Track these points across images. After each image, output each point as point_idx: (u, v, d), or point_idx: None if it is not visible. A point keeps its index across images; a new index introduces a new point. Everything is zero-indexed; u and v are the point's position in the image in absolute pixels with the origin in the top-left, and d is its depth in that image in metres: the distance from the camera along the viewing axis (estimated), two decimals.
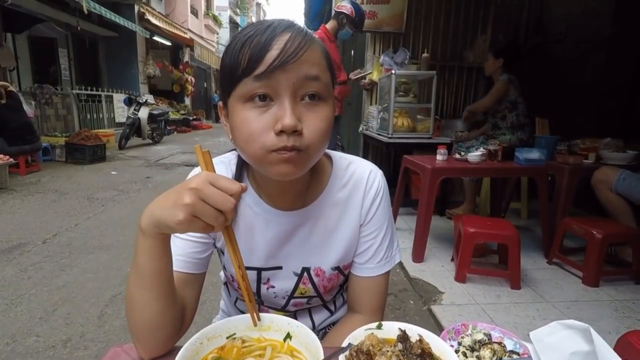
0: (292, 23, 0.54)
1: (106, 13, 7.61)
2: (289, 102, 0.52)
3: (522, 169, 2.36)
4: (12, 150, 4.57)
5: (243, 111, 0.53)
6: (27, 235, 2.86)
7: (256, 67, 0.50)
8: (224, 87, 0.57)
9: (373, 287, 0.73)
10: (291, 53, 0.50)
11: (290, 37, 0.51)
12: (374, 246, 0.72)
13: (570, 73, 3.80)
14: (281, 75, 0.51)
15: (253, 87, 0.51)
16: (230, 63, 0.54)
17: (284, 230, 0.69)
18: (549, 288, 1.98)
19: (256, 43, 0.51)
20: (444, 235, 2.79)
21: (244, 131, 0.54)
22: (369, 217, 0.71)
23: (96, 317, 1.84)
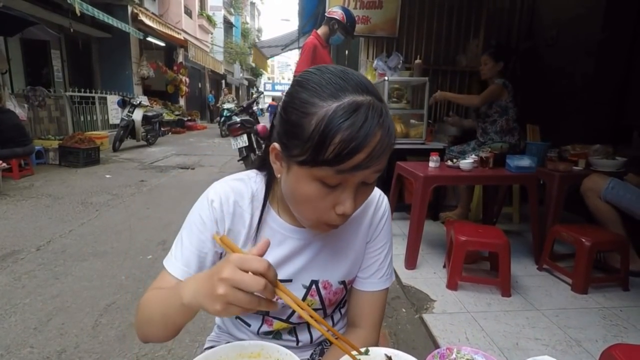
0: (383, 115, 0.52)
1: (99, 14, 7.56)
2: (352, 191, 0.55)
3: (513, 176, 2.39)
4: (4, 154, 4.55)
5: (309, 185, 0.55)
6: (21, 242, 2.86)
7: (342, 163, 0.50)
8: (290, 144, 0.55)
9: (374, 302, 0.78)
10: (376, 159, 0.52)
11: (380, 139, 0.51)
12: (378, 262, 0.78)
13: (561, 78, 3.85)
14: (358, 172, 0.52)
15: (329, 176, 0.52)
16: (313, 136, 0.51)
17: (297, 245, 0.72)
18: (539, 295, 2.02)
19: (350, 139, 0.49)
20: (437, 241, 2.82)
21: (304, 202, 0.57)
22: (375, 235, 0.77)
23: (91, 327, 1.84)
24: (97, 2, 8.72)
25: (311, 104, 0.52)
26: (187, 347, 1.71)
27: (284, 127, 0.56)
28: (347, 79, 0.53)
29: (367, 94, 0.52)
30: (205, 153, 8.15)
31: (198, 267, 0.68)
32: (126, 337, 1.76)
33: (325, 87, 0.52)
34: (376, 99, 0.53)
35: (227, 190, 0.70)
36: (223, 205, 0.69)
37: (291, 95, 0.56)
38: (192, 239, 0.68)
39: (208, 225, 0.68)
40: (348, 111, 0.50)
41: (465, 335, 1.66)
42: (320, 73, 0.54)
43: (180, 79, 13.79)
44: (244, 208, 0.70)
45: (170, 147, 8.96)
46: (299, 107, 0.53)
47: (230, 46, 23.97)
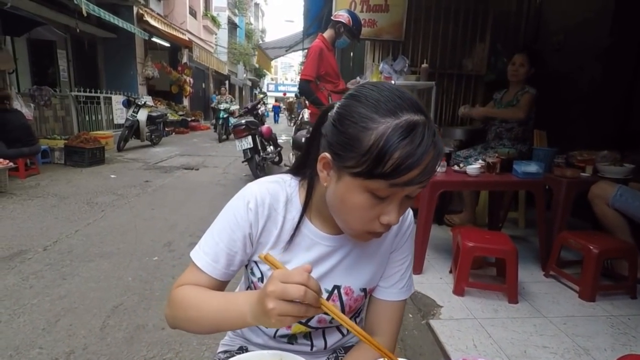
0: (435, 135, 0.56)
1: (105, 15, 7.60)
2: (398, 203, 0.59)
3: (520, 182, 2.39)
4: (11, 153, 4.58)
5: (360, 195, 0.58)
6: (28, 242, 2.87)
7: (397, 177, 0.53)
8: (345, 156, 0.57)
9: (394, 311, 0.80)
10: (427, 176, 0.55)
11: (432, 158, 0.55)
12: (400, 272, 0.80)
13: (568, 83, 3.84)
14: (409, 187, 0.55)
15: (382, 189, 0.55)
16: (372, 150, 0.53)
17: (325, 251, 0.74)
18: (546, 302, 2.01)
19: (408, 155, 0.52)
20: (443, 246, 2.82)
21: (352, 211, 0.60)
22: (400, 245, 0.80)
23: (98, 328, 1.85)
24: (103, 2, 8.78)
25: (370, 119, 0.55)
26: (194, 350, 1.72)
27: (338, 138, 0.58)
28: (403, 98, 0.56)
29: (422, 113, 0.56)
30: (209, 154, 8.17)
31: (226, 265, 0.71)
32: (134, 340, 1.77)
33: (385, 104, 0.55)
34: (428, 119, 0.56)
35: (263, 192, 0.72)
36: (259, 207, 0.71)
37: (347, 108, 0.58)
38: (224, 237, 0.71)
39: (241, 225, 0.71)
40: (407, 129, 0.53)
41: (472, 342, 1.65)
42: (378, 90, 0.57)
43: (184, 79, 13.83)
44: (278, 211, 0.72)
45: (174, 147, 8.99)
46: (358, 121, 0.56)
47: (234, 47, 24.03)
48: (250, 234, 0.71)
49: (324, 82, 3.36)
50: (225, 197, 2.83)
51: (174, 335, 1.81)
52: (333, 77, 3.39)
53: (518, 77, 2.99)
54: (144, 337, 1.79)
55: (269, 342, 0.82)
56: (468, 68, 4.31)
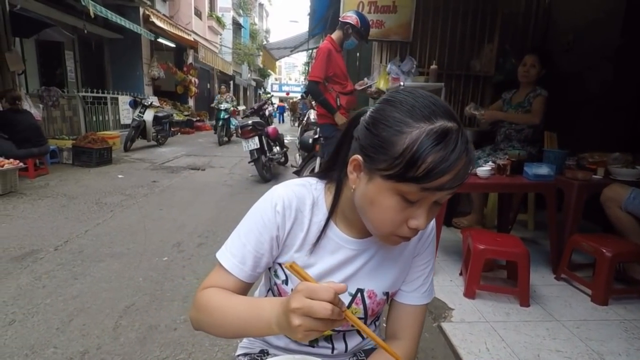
0: (468, 142, 0.56)
1: (112, 16, 7.65)
2: (427, 208, 0.59)
3: (531, 184, 2.38)
4: (20, 153, 4.62)
5: (390, 198, 0.59)
6: (39, 242, 2.90)
7: (429, 182, 0.54)
8: (377, 158, 0.58)
9: (416, 315, 0.81)
10: (458, 182, 0.56)
11: (464, 165, 0.55)
12: (422, 277, 0.81)
13: (578, 84, 3.81)
14: (439, 192, 0.56)
15: (413, 192, 0.56)
16: (406, 154, 0.54)
17: (349, 255, 0.75)
18: (558, 306, 2.00)
19: (441, 160, 0.53)
20: (451, 248, 2.81)
21: (382, 214, 0.61)
22: (422, 249, 0.80)
23: (111, 328, 1.87)
24: (109, 3, 8.83)
25: (405, 123, 0.56)
26: (207, 351, 1.73)
27: (371, 140, 0.60)
28: (438, 104, 0.57)
29: (455, 121, 0.56)
30: (214, 154, 8.20)
31: (253, 266, 0.72)
32: (146, 340, 1.78)
33: (420, 109, 0.56)
34: (461, 126, 0.57)
35: (290, 194, 0.73)
36: (286, 210, 0.72)
37: (382, 112, 0.60)
38: (251, 239, 0.71)
39: (268, 228, 0.71)
40: (441, 135, 0.54)
41: (485, 346, 1.65)
42: (413, 96, 0.59)
43: (189, 79, 13.88)
44: (304, 213, 0.73)
45: (180, 147, 9.02)
46: (392, 124, 0.57)
47: (238, 47, 24.09)
48: (277, 236, 0.72)
49: (332, 84, 3.36)
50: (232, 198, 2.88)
51: (187, 336, 1.82)
52: (341, 79, 3.39)
53: (529, 78, 2.98)
54: (156, 338, 1.80)
55: (289, 345, 0.82)
56: (476, 69, 4.30)
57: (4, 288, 2.20)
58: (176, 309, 2.06)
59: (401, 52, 4.22)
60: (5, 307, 2.01)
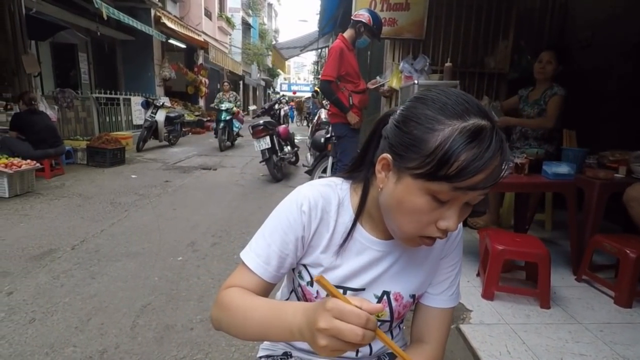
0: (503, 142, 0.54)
1: (124, 18, 7.73)
2: (458, 208, 0.57)
3: (551, 183, 2.33)
4: (37, 154, 4.70)
5: (420, 197, 0.57)
6: (57, 241, 2.94)
7: (461, 181, 0.52)
8: (408, 157, 0.57)
9: (442, 319, 0.79)
10: (492, 182, 0.54)
11: (498, 164, 0.54)
12: (450, 279, 0.79)
13: (597, 81, 3.73)
14: (472, 192, 0.54)
15: (444, 192, 0.55)
16: (437, 152, 0.53)
17: (375, 256, 0.74)
18: (580, 308, 1.95)
19: (474, 159, 0.51)
20: (468, 248, 2.77)
21: (410, 214, 0.59)
22: (450, 251, 0.79)
23: (129, 327, 1.88)
24: (121, 5, 8.94)
25: (437, 121, 0.55)
26: (223, 351, 1.73)
27: (401, 139, 0.58)
28: (471, 102, 0.56)
29: (489, 119, 0.55)
30: (225, 154, 8.23)
31: (277, 267, 0.71)
32: (164, 340, 1.79)
33: (452, 106, 0.55)
34: (495, 125, 0.55)
35: (316, 195, 0.72)
36: (312, 210, 0.70)
37: (413, 110, 0.59)
38: (276, 239, 0.70)
39: (294, 228, 0.70)
40: (474, 132, 0.52)
41: (506, 349, 1.62)
42: (445, 94, 0.57)
43: (200, 80, 13.98)
44: (330, 214, 0.72)
45: (192, 147, 9.09)
46: (424, 122, 0.56)
47: (248, 47, 24.19)
48: (303, 237, 0.71)
49: (345, 82, 3.34)
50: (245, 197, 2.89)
51: (203, 336, 1.82)
52: (354, 77, 3.37)
53: (546, 75, 2.91)
54: (173, 337, 1.81)
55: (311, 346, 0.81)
56: (490, 66, 4.23)
57: (24, 287, 2.24)
58: (192, 309, 2.07)
59: (414, 50, 4.17)
60: (25, 306, 2.04)
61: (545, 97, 2.90)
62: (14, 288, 2.22)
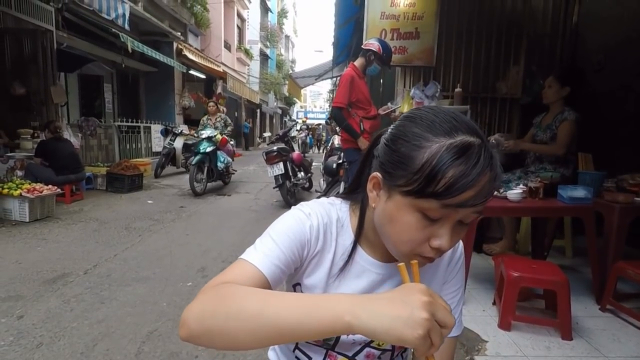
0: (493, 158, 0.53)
1: (148, 51, 8.14)
2: (451, 227, 0.55)
3: (567, 208, 2.25)
4: (59, 180, 4.86)
5: (410, 215, 0.56)
6: (70, 265, 2.98)
7: (449, 198, 0.51)
8: (396, 174, 0.56)
9: (445, 349, 0.74)
10: (483, 198, 0.53)
11: (488, 181, 0.53)
12: (452, 306, 0.75)
13: (612, 104, 3.67)
14: (461, 210, 0.53)
15: (433, 209, 0.53)
16: (425, 168, 0.52)
17: (375, 280, 0.71)
18: (605, 340, 1.83)
19: (462, 175, 0.50)
20: (483, 275, 2.67)
21: (402, 232, 0.57)
22: (452, 277, 0.76)
23: (134, 354, 1.86)
24: (146, 39, 9.42)
25: (424, 138, 0.54)
26: None
27: (390, 157, 0.58)
28: (459, 120, 0.55)
29: (478, 136, 0.54)
30: (240, 180, 8.34)
31: (282, 270, 0.63)
32: None
33: (439, 124, 0.54)
34: (485, 142, 0.54)
35: (321, 211, 0.71)
36: (320, 225, 0.69)
37: (401, 128, 0.59)
38: (284, 242, 0.65)
39: (301, 236, 0.67)
40: (462, 149, 0.52)
41: None
42: (434, 112, 0.57)
43: None
44: (332, 234, 0.71)
45: None
46: (411, 139, 0.55)
47: (265, 77, 24.95)
48: (309, 242, 0.67)
49: (356, 109, 3.38)
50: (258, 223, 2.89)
51: None
52: (364, 104, 3.41)
53: (547, 99, 2.90)
54: None
55: None
56: (502, 91, 4.23)
57: (35, 311, 2.25)
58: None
59: (425, 76, 4.22)
60: (34, 330, 2.04)
61: (557, 122, 2.85)
62: (25, 312, 2.24)
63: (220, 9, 15.16)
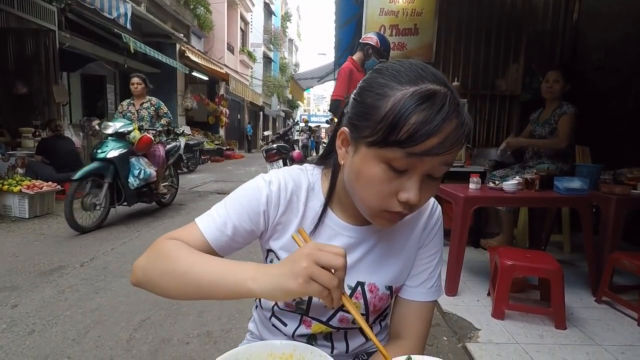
0: (459, 106, 0.52)
1: (150, 52, 8.19)
2: (419, 179, 0.54)
3: (563, 198, 2.24)
4: (59, 177, 4.88)
5: (375, 167, 0.55)
6: (67, 258, 2.99)
7: (414, 145, 0.50)
8: (362, 125, 0.55)
9: (421, 313, 0.74)
10: (449, 147, 0.51)
11: (455, 128, 0.51)
12: (429, 270, 0.75)
13: (611, 100, 3.65)
14: (427, 159, 0.52)
15: (398, 158, 0.52)
16: (388, 116, 0.51)
17: (347, 243, 0.70)
18: (599, 329, 1.81)
19: (425, 121, 0.49)
20: (479, 269, 2.65)
21: (368, 185, 0.57)
22: (427, 241, 0.74)
23: (125, 340, 1.86)
24: (149, 41, 9.49)
25: (389, 87, 0.53)
26: None
27: (356, 109, 0.58)
28: (426, 70, 0.54)
29: (446, 86, 0.53)
30: (242, 180, 8.35)
31: (230, 237, 0.66)
32: (158, 353, 1.75)
33: (405, 73, 0.54)
34: (452, 91, 0.53)
35: (286, 177, 0.70)
36: (281, 191, 0.69)
37: (368, 81, 0.58)
38: (236, 209, 0.67)
39: (258, 201, 0.67)
40: (426, 96, 0.50)
41: None
42: (400, 63, 0.56)
43: (221, 110, 14.47)
44: (300, 198, 0.70)
45: (209, 174, 9.27)
46: (376, 89, 0.55)
47: (268, 80, 25.07)
48: (266, 212, 0.68)
49: None
50: None
51: (198, 350, 1.78)
52: None
53: (554, 93, 2.86)
54: (168, 351, 1.77)
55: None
56: (502, 88, 4.22)
57: (29, 300, 2.26)
58: (190, 324, 2.04)
59: None
60: (27, 318, 2.05)
61: (555, 116, 2.83)
62: (19, 301, 2.24)
63: (223, 11, 15.28)
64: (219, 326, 2.02)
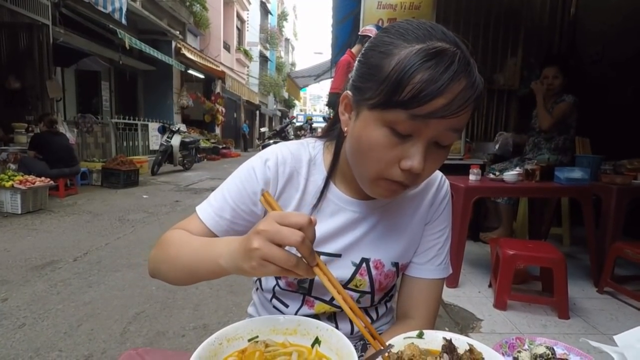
0: (470, 65, 0.48)
1: (146, 49, 8.12)
2: (423, 146, 0.50)
3: (564, 188, 2.21)
4: (53, 173, 4.80)
5: (377, 131, 0.50)
6: (60, 253, 2.93)
7: (418, 106, 0.46)
8: (365, 87, 0.51)
9: (431, 291, 0.70)
10: (456, 109, 0.46)
11: (464, 88, 0.47)
12: (437, 247, 0.71)
13: (610, 93, 3.64)
14: (433, 122, 0.47)
15: (402, 121, 0.48)
16: (391, 75, 0.47)
17: (351, 218, 0.67)
18: (603, 319, 1.78)
19: (430, 80, 0.45)
20: (479, 261, 2.62)
21: (368, 151, 0.52)
22: (435, 216, 0.71)
23: (119, 333, 1.81)
24: (144, 37, 9.41)
25: (394, 45, 0.49)
26: None
27: (360, 71, 0.53)
28: (435, 28, 0.50)
29: (456, 45, 0.48)
30: None
31: (230, 221, 0.64)
32: (153, 345, 1.71)
33: (412, 31, 0.49)
34: (463, 50, 0.48)
35: (284, 152, 0.67)
36: (279, 167, 0.65)
37: (374, 41, 0.53)
38: (233, 191, 0.65)
39: (255, 182, 0.64)
40: (433, 53, 0.46)
41: None
42: (409, 21, 0.52)
43: (217, 108, 14.39)
44: (300, 172, 0.66)
45: (205, 172, 9.20)
46: (381, 48, 0.50)
47: (265, 79, 24.99)
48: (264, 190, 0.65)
49: None
50: None
51: (194, 343, 1.73)
52: None
53: (555, 90, 2.85)
54: (163, 343, 1.73)
55: None
56: (500, 83, 4.20)
57: (20, 294, 2.20)
58: (186, 317, 1.99)
59: None
60: (18, 312, 2.00)
61: (552, 107, 2.82)
62: (10, 295, 2.19)
63: (219, 9, 15.20)
64: (216, 319, 1.98)
